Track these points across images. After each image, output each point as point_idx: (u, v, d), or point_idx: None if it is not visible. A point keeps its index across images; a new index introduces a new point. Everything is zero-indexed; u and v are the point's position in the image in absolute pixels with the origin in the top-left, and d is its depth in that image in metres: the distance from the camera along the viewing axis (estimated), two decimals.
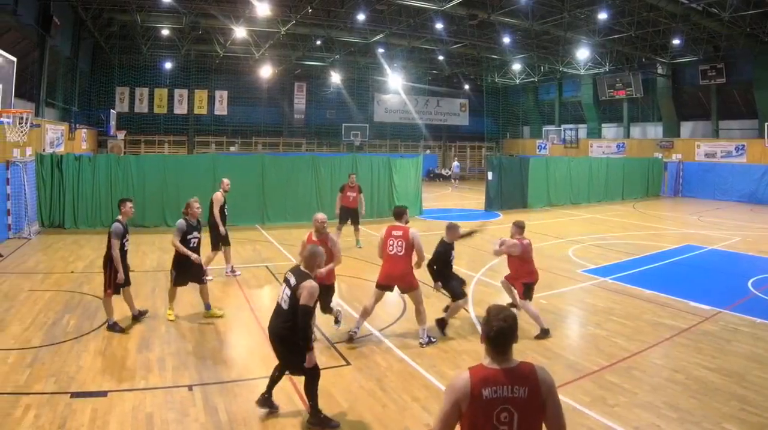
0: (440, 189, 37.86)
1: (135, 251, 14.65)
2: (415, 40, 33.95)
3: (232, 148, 41.47)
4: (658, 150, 36.53)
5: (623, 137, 41.05)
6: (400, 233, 8.57)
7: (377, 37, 32.50)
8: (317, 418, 6.01)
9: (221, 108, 40.80)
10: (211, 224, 12.12)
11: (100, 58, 36.76)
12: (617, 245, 17.37)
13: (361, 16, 28.31)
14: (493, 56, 40.04)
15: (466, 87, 48.89)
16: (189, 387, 6.86)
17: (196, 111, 40.09)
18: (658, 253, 16.13)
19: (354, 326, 8.73)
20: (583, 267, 14.10)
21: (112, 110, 33.32)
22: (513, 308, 9.70)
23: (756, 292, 11.90)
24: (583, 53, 34.92)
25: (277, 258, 14.60)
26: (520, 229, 9.53)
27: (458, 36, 33.20)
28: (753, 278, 12.95)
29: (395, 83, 43.61)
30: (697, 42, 31.58)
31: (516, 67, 43.12)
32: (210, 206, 12.12)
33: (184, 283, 9.42)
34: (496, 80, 47.10)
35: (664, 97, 36.87)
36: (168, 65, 39.47)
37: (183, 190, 16.92)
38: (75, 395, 6.51)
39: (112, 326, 8.66)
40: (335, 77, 42.40)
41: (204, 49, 37.22)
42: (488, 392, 3.03)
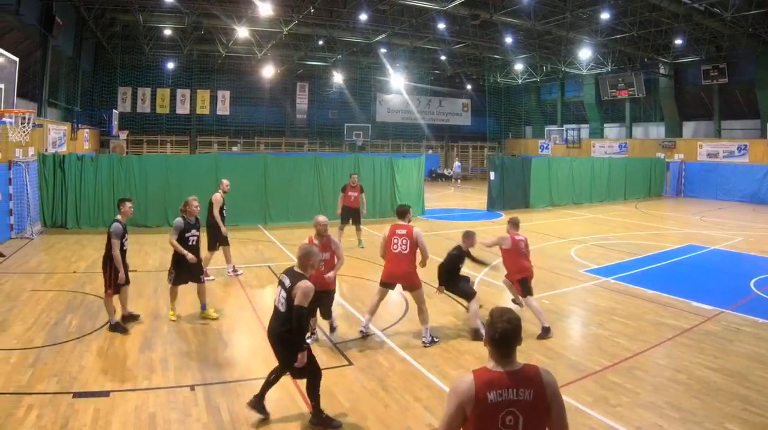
0: (442, 189, 37.85)
1: (137, 251, 14.70)
2: (417, 40, 33.92)
3: (234, 149, 41.46)
4: (661, 150, 36.49)
5: (625, 137, 41.00)
6: (404, 232, 8.60)
7: (379, 37, 32.46)
8: (320, 418, 6.01)
9: (224, 108, 40.79)
10: (209, 225, 12.10)
11: (103, 58, 36.76)
12: (619, 245, 17.36)
13: (363, 16, 28.28)
14: (495, 56, 39.99)
15: (469, 87, 48.80)
16: (191, 387, 6.87)
17: (199, 111, 40.08)
18: (661, 253, 16.12)
19: (363, 325, 8.86)
20: (586, 267, 14.08)
21: (114, 110, 33.37)
22: (516, 305, 9.81)
23: (758, 292, 11.88)
24: (585, 53, 34.84)
25: (279, 258, 14.61)
26: (515, 225, 9.67)
27: (460, 36, 33.15)
28: (755, 278, 12.92)
29: (397, 83, 43.53)
30: (700, 42, 31.55)
31: (518, 67, 43.03)
32: (209, 207, 12.10)
33: (183, 282, 9.39)
34: (499, 80, 47.03)
35: (667, 97, 36.84)
36: (170, 65, 39.48)
37: (185, 190, 16.85)
38: (77, 395, 6.51)
39: (114, 327, 8.67)
40: (337, 77, 42.33)
41: (206, 49, 37.20)
42: (493, 396, 3.01)
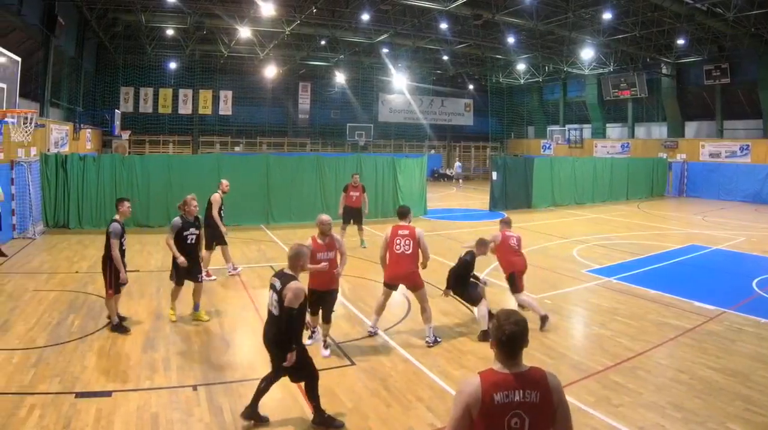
0: (444, 189, 37.83)
1: (140, 251, 14.74)
2: (419, 40, 33.91)
3: (236, 148, 41.49)
4: (663, 150, 36.45)
5: (628, 137, 40.97)
6: (406, 232, 8.62)
7: (382, 37, 32.44)
8: (321, 418, 6.02)
9: (226, 108, 40.81)
10: (206, 225, 12.04)
11: (105, 58, 36.83)
12: (622, 245, 17.34)
13: (365, 16, 28.27)
14: (497, 56, 39.97)
15: (471, 87, 48.73)
16: (194, 387, 6.87)
17: (201, 111, 40.11)
18: (663, 253, 16.10)
19: (370, 325, 8.97)
20: (588, 267, 14.07)
21: (116, 110, 33.34)
22: (521, 307, 9.79)
23: (760, 292, 11.87)
24: (587, 53, 34.81)
25: (281, 258, 14.57)
26: (506, 224, 10.13)
27: (463, 36, 33.13)
28: (757, 278, 12.91)
29: (400, 83, 43.51)
30: (702, 42, 31.52)
31: (520, 67, 43.01)
32: (208, 207, 12.05)
33: (180, 281, 9.33)
34: (501, 80, 47.00)
35: (669, 97, 36.78)
36: (172, 65, 39.52)
37: (187, 190, 16.63)
38: (79, 395, 6.52)
39: (116, 327, 8.67)
40: (340, 77, 42.37)
41: (208, 49, 37.22)
42: (500, 397, 3.00)
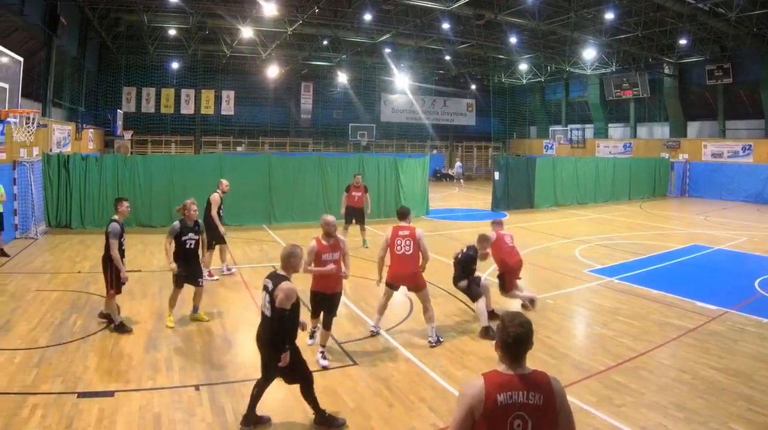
0: (447, 189, 37.82)
1: (142, 251, 14.77)
2: (421, 40, 33.92)
3: (239, 148, 41.52)
4: (665, 150, 36.40)
5: (630, 137, 40.94)
6: (407, 233, 8.63)
7: (384, 37, 32.46)
8: (323, 418, 6.03)
9: (228, 108, 40.88)
10: (207, 225, 12.03)
11: (107, 58, 36.88)
12: (624, 245, 17.32)
13: (367, 16, 28.30)
14: (499, 56, 39.97)
15: (473, 87, 48.72)
16: (196, 387, 6.87)
17: (203, 111, 40.17)
18: (665, 253, 16.08)
19: (372, 325, 8.99)
20: (590, 267, 14.06)
21: (118, 110, 33.33)
22: (525, 309, 10.01)
23: (763, 292, 11.84)
24: (589, 53, 34.79)
25: None
26: (499, 224, 10.39)
27: (465, 36, 33.15)
28: (760, 278, 12.89)
29: (402, 83, 43.53)
30: (704, 42, 31.48)
31: (523, 67, 43.03)
32: (207, 207, 12.03)
33: (180, 285, 9.25)
34: (503, 80, 47.02)
35: (671, 97, 36.74)
36: (175, 65, 39.55)
37: (190, 190, 16.84)
38: (82, 395, 6.52)
39: (118, 326, 8.67)
40: (342, 77, 42.38)
41: (211, 49, 37.29)
42: (503, 398, 3.00)
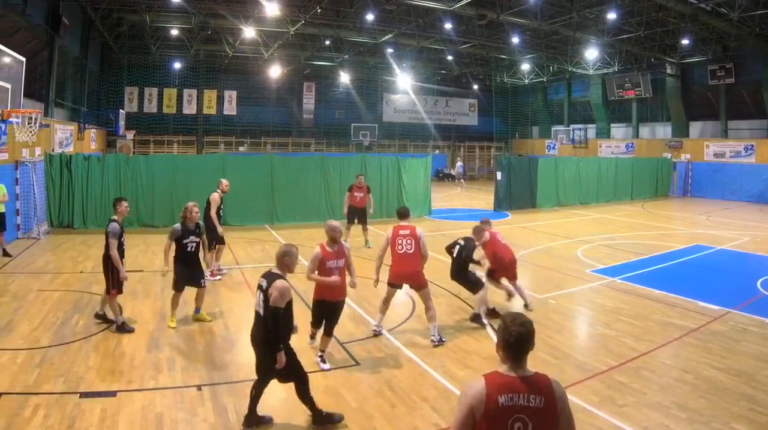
0: (449, 189, 37.82)
1: (144, 251, 14.78)
2: (424, 40, 33.93)
3: (241, 148, 41.54)
4: (667, 150, 36.35)
5: (632, 137, 40.91)
6: (407, 232, 8.64)
7: (386, 37, 32.50)
8: (320, 417, 6.02)
9: (230, 108, 40.90)
10: (206, 225, 12.01)
11: (109, 58, 36.93)
12: (626, 245, 17.30)
13: (370, 16, 28.32)
14: (502, 56, 39.98)
15: (475, 87, 48.78)
16: (198, 387, 6.88)
17: (205, 111, 40.20)
18: (667, 253, 16.06)
19: (375, 324, 9.01)
20: (592, 267, 14.05)
21: (121, 110, 33.41)
22: (527, 310, 10.15)
23: (765, 292, 11.83)
24: (592, 53, 34.80)
25: None
26: (487, 223, 10.41)
27: (467, 36, 33.16)
28: (762, 278, 12.87)
29: (404, 83, 43.56)
30: (706, 42, 31.44)
31: (525, 67, 43.01)
32: (206, 207, 12.02)
33: (181, 288, 9.22)
34: (505, 80, 47.04)
35: (673, 97, 36.70)
36: (177, 65, 39.58)
37: (192, 190, 16.92)
38: (84, 395, 6.53)
39: (120, 326, 8.68)
40: (344, 77, 42.41)
41: (213, 49, 37.33)
42: (504, 399, 2.99)
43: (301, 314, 9.07)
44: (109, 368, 7.36)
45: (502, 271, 10.13)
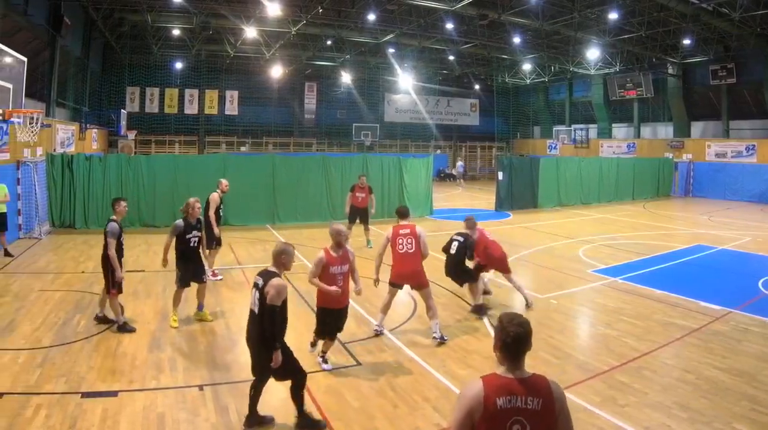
0: (450, 189, 37.81)
1: (146, 251, 14.80)
2: (425, 40, 33.92)
3: (242, 148, 41.56)
4: (669, 150, 36.33)
5: (634, 137, 40.86)
6: (407, 231, 8.65)
7: (388, 37, 32.49)
8: (304, 421, 5.99)
9: (232, 108, 40.93)
10: (206, 225, 12.00)
11: (111, 58, 36.99)
12: (627, 245, 17.29)
13: (371, 16, 28.32)
14: (503, 56, 39.95)
15: (477, 87, 48.79)
16: (200, 387, 6.88)
17: (207, 111, 40.23)
18: (669, 253, 16.05)
19: (376, 324, 8.99)
20: (594, 267, 14.04)
21: (122, 110, 33.46)
22: (528, 309, 10.24)
23: (766, 292, 11.81)
24: (593, 53, 34.78)
25: None
26: (473, 221, 10.51)
27: (468, 36, 33.14)
28: (763, 278, 12.86)
29: (406, 83, 43.58)
30: (708, 42, 31.43)
31: (526, 67, 43.01)
32: (206, 206, 12.00)
33: (188, 284, 9.26)
34: (507, 80, 47.02)
35: (675, 97, 36.68)
36: (178, 65, 39.65)
37: (193, 190, 16.80)
38: (85, 395, 6.53)
39: (122, 326, 8.68)
40: (346, 77, 42.43)
41: (214, 49, 37.33)
42: (502, 402, 2.98)
43: (304, 316, 9.10)
44: (111, 368, 7.37)
45: (492, 265, 10.34)
